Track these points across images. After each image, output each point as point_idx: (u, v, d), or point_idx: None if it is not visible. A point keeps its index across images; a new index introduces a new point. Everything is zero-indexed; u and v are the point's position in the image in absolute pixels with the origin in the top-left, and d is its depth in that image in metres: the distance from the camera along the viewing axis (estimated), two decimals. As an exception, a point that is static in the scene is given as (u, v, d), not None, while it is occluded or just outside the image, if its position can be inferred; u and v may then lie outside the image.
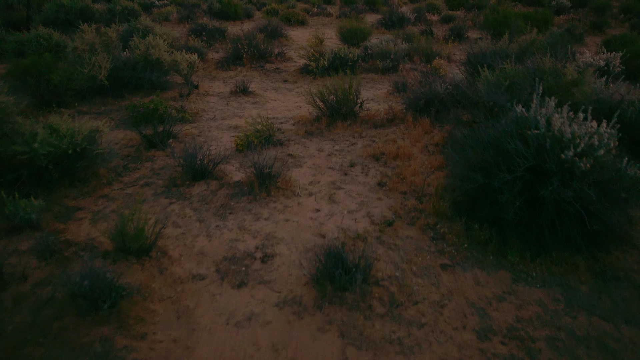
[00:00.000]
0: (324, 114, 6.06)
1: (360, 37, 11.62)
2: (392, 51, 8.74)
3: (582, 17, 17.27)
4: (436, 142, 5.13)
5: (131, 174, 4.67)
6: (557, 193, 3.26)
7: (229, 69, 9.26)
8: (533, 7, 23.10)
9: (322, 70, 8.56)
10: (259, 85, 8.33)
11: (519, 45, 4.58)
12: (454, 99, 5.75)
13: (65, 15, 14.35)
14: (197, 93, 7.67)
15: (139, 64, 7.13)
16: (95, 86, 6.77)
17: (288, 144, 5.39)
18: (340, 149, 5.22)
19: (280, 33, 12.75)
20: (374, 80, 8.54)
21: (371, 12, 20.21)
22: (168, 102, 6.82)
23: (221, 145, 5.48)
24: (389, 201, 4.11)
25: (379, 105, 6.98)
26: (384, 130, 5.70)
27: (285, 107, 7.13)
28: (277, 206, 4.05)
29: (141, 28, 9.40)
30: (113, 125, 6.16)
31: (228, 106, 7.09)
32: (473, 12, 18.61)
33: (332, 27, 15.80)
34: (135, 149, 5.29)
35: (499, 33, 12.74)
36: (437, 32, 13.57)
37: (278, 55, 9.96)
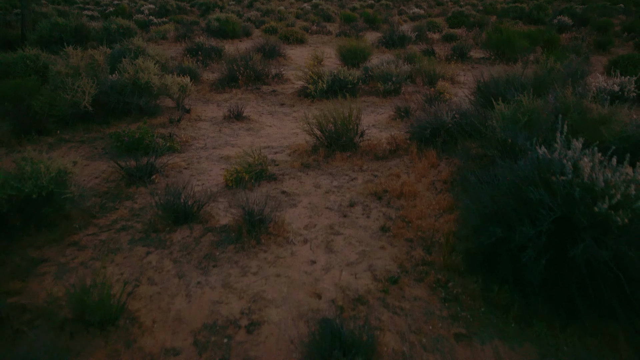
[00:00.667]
0: (322, 143, 5.64)
1: (361, 57, 11.28)
2: (393, 73, 8.36)
3: (585, 36, 17.01)
4: (444, 178, 4.69)
5: (108, 216, 4.22)
6: (590, 252, 2.81)
7: (224, 91, 8.88)
8: (534, 25, 22.95)
9: (320, 93, 8.18)
10: (254, 109, 7.93)
11: (534, 74, 4.17)
12: (462, 128, 5.33)
13: (60, 34, 14.05)
14: (189, 118, 7.26)
15: (126, 88, 6.74)
16: (79, 112, 6.37)
17: (282, 179, 4.95)
18: (339, 185, 4.78)
19: (278, 52, 12.43)
20: (375, 104, 8.15)
21: (371, 30, 19.99)
22: (156, 129, 6.42)
23: (210, 179, 5.05)
24: (394, 251, 3.65)
25: (380, 133, 6.56)
26: (386, 163, 5.26)
27: (281, 134, 6.71)
28: (268, 257, 3.58)
29: (133, 48, 9.05)
30: (96, 155, 5.75)
31: (220, 133, 6.67)
32: (474, 31, 18.38)
33: (331, 45, 15.51)
34: (116, 184, 4.85)
35: (503, 53, 12.45)
36: (439, 52, 13.25)
37: (275, 77, 9.59)
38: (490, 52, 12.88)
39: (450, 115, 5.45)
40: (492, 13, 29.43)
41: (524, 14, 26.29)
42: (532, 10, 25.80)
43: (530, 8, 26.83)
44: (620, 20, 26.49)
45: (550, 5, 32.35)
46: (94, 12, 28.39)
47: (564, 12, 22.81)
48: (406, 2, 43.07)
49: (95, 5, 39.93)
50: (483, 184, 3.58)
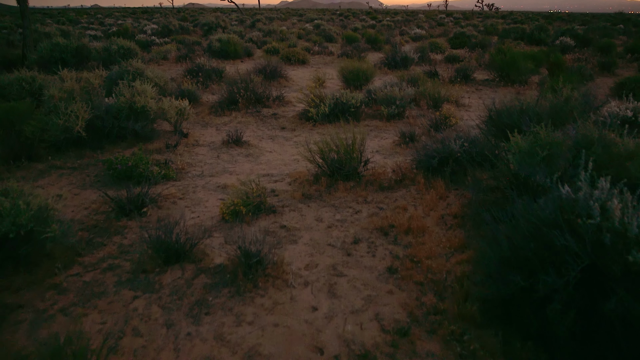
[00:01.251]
0: (324, 172, 5.38)
1: (363, 79, 11.13)
2: (397, 97, 8.16)
3: (588, 57, 16.91)
4: (454, 212, 4.41)
5: (94, 253, 3.93)
6: (624, 307, 2.51)
7: (224, 114, 8.68)
8: (536, 46, 22.94)
9: (322, 116, 7.96)
10: (254, 134, 7.71)
11: (550, 103, 3.92)
12: (472, 158, 5.07)
13: (61, 55, 13.99)
14: (186, 143, 7.03)
15: (122, 113, 6.52)
16: (71, 137, 6.14)
17: (282, 211, 4.67)
18: (343, 219, 4.49)
19: (279, 73, 12.30)
20: (379, 128, 7.92)
21: (373, 50, 19.98)
22: (152, 155, 6.18)
23: (205, 211, 4.77)
24: (402, 296, 3.34)
25: (385, 160, 6.31)
26: (392, 194, 4.99)
27: (281, 160, 6.46)
28: (265, 303, 3.28)
29: (132, 70, 8.88)
30: (87, 183, 5.49)
31: (218, 159, 6.42)
32: (477, 52, 18.32)
33: (333, 66, 15.42)
34: (106, 216, 4.57)
35: (507, 74, 12.29)
36: (442, 73, 13.11)
37: (276, 99, 9.40)
38: (494, 74, 12.74)
39: (459, 143, 5.20)
40: (493, 34, 29.55)
41: (526, 35, 26.35)
42: (534, 31, 25.86)
43: (532, 29, 26.92)
44: (622, 41, 26.55)
45: (550, 26, 32.55)
46: (97, 32, 28.56)
47: (565, 33, 22.81)
48: (407, 23, 43.48)
49: (100, 25, 40.38)
50: (499, 223, 3.30)
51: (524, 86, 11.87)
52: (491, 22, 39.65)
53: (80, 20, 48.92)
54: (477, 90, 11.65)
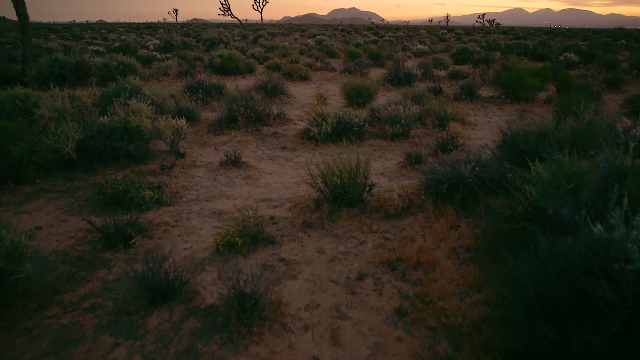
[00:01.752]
0: (326, 198, 5.06)
1: (366, 96, 10.89)
2: (402, 116, 7.88)
3: (594, 73, 16.69)
4: (467, 244, 4.07)
5: (76, 290, 3.60)
6: (674, 370, 2.17)
7: (223, 132, 8.41)
8: (539, 62, 22.78)
9: (324, 136, 7.68)
10: (253, 154, 7.42)
11: (571, 127, 3.62)
12: (484, 183, 4.75)
13: (60, 71, 13.83)
14: (183, 164, 6.74)
15: (116, 133, 6.25)
16: (61, 159, 5.85)
17: (281, 242, 4.35)
18: (346, 251, 4.16)
19: (281, 90, 12.08)
20: (383, 147, 7.63)
21: (375, 66, 19.83)
22: (145, 178, 5.88)
23: (199, 241, 4.45)
24: (413, 343, 3.00)
25: (390, 183, 6.00)
26: (399, 222, 4.66)
27: (281, 182, 6.16)
28: (261, 352, 2.94)
29: (129, 88, 8.65)
30: (76, 208, 5.18)
31: (215, 182, 6.12)
32: (480, 68, 18.14)
33: (335, 82, 15.22)
34: (92, 247, 4.26)
35: (513, 91, 12.04)
36: (446, 90, 12.88)
37: (277, 117, 9.14)
38: (499, 91, 12.50)
39: (469, 167, 4.89)
40: (495, 49, 29.48)
41: (529, 51, 26.26)
42: (537, 47, 25.76)
43: (534, 45, 26.83)
44: (625, 57, 26.41)
45: (552, 42, 32.49)
46: (100, 47, 28.59)
47: (569, 49, 22.66)
48: (409, 39, 43.59)
49: (103, 40, 40.58)
50: (521, 264, 2.97)
51: (531, 103, 11.61)
52: (493, 38, 39.71)
53: (84, 36, 49.26)
54: (482, 108, 11.39)
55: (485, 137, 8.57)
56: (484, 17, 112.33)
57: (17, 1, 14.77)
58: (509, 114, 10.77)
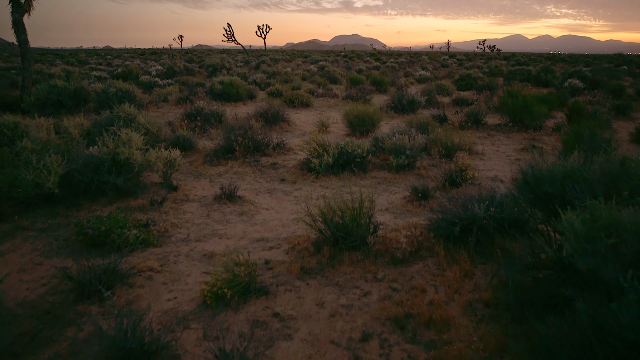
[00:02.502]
0: (327, 240, 4.63)
1: (369, 124, 10.56)
2: (407, 146, 7.51)
3: (601, 100, 16.42)
4: (485, 298, 3.61)
5: (38, 353, 3.15)
6: None
7: (219, 163, 8.04)
8: (543, 88, 22.60)
9: (326, 167, 7.30)
10: (250, 186, 7.02)
11: (600, 167, 3.21)
12: (500, 225, 4.32)
13: (58, 97, 13.63)
14: (175, 198, 6.34)
15: (103, 165, 5.88)
16: (43, 194, 5.47)
17: (276, 292, 3.90)
18: (349, 304, 3.71)
19: (281, 117, 11.79)
20: (387, 180, 7.22)
21: (378, 92, 19.65)
22: (132, 215, 5.47)
23: (185, 290, 4.00)
24: None
25: (396, 220, 5.57)
26: (406, 269, 4.21)
27: (279, 220, 5.74)
28: None
29: (123, 116, 8.35)
30: (54, 250, 4.76)
31: (208, 219, 5.71)
32: (484, 94, 17.92)
33: (337, 109, 14.96)
34: (64, 297, 3.82)
35: (520, 119, 11.71)
36: (451, 117, 12.57)
37: (277, 146, 8.79)
38: (506, 118, 12.17)
39: (483, 207, 4.46)
40: (498, 75, 29.41)
41: (531, 77, 26.13)
42: (540, 73, 25.65)
43: (538, 71, 26.74)
44: (629, 83, 26.25)
45: (554, 68, 32.46)
46: (103, 72, 28.67)
47: (573, 75, 22.50)
48: (411, 64, 43.83)
49: (108, 66, 40.92)
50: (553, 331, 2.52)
51: (539, 131, 11.26)
52: (495, 64, 39.83)
53: (89, 61, 49.81)
54: (489, 136, 11.03)
55: (495, 168, 8.18)
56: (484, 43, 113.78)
57: (18, 27, 14.72)
58: (517, 142, 10.40)
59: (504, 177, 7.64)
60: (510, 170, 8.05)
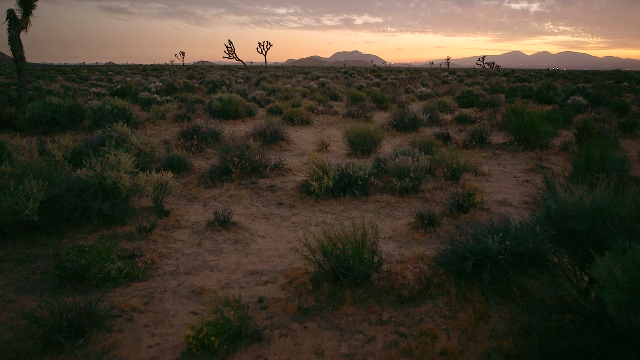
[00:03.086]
0: (326, 274, 4.24)
1: (371, 143, 10.24)
2: (411, 168, 7.16)
3: (606, 117, 16.13)
4: (504, 348, 3.21)
5: (-5, 416, 2.74)
6: None
7: (214, 185, 7.68)
8: (546, 105, 22.37)
9: (326, 190, 6.93)
10: (246, 211, 6.65)
11: (635, 203, 2.85)
12: (517, 259, 3.94)
13: (52, 115, 13.35)
14: (165, 224, 5.97)
15: (89, 190, 5.52)
16: (22, 221, 5.10)
17: (270, 337, 3.49)
18: (351, 353, 3.30)
19: (281, 136, 11.48)
20: (391, 204, 6.85)
21: (379, 109, 19.41)
22: (118, 244, 5.08)
23: (169, 333, 3.60)
24: None
25: (400, 250, 5.19)
26: (415, 310, 3.81)
27: (275, 249, 5.35)
28: None
29: (115, 135, 8.02)
30: (29, 285, 4.37)
31: (200, 248, 5.32)
32: (487, 111, 17.66)
33: (338, 127, 14.68)
34: (33, 344, 3.41)
35: (526, 138, 11.38)
36: (454, 136, 12.25)
37: (275, 167, 8.44)
38: (510, 136, 11.85)
39: (497, 239, 4.09)
40: (499, 92, 29.25)
41: (533, 93, 25.95)
42: (541, 89, 25.46)
43: (539, 87, 26.57)
44: (631, 99, 26.03)
45: (555, 84, 32.33)
46: (102, 89, 28.53)
47: (576, 92, 22.30)
48: (412, 81, 43.83)
49: (108, 82, 40.91)
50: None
51: (545, 151, 10.91)
52: (496, 80, 39.80)
53: (90, 77, 49.90)
54: (494, 156, 10.69)
55: (503, 191, 7.81)
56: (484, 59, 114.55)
57: (15, 44, 14.53)
58: (524, 162, 10.06)
59: (512, 200, 7.27)
60: (519, 193, 7.70)
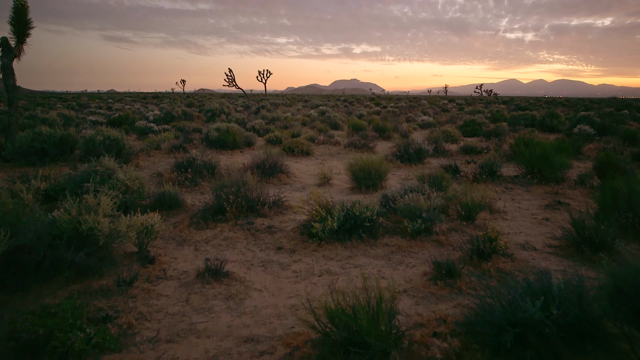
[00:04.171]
0: (334, 349, 3.52)
1: (376, 177, 9.62)
2: (423, 208, 6.51)
3: (616, 147, 15.61)
4: None
5: None
6: None
7: (207, 226, 7.00)
8: (550, 134, 21.92)
9: (330, 233, 6.26)
10: (242, 257, 5.96)
11: None
12: (566, 330, 3.25)
13: (42, 145, 12.78)
14: (149, 274, 5.26)
15: (61, 238, 4.85)
16: (-18, 276, 4.40)
17: None
18: None
19: (280, 168, 10.87)
20: (402, 249, 6.16)
21: (381, 139, 18.91)
22: (91, 303, 4.37)
23: None
24: None
25: (418, 308, 4.48)
26: (445, 398, 3.09)
27: (274, 307, 4.64)
28: None
29: (100, 170, 7.40)
30: (-20, 357, 3.63)
31: (186, 306, 4.61)
32: (493, 141, 17.15)
33: (340, 158, 14.11)
34: None
35: (539, 171, 10.78)
36: (462, 168, 11.65)
37: (274, 205, 7.79)
38: (522, 169, 11.25)
39: (539, 305, 3.39)
40: (501, 120, 28.90)
41: (536, 122, 25.57)
42: (545, 118, 25.06)
43: (542, 116, 26.18)
44: (635, 127, 25.62)
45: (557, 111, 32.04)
46: (100, 117, 28.15)
47: (582, 121, 21.88)
48: (412, 109, 43.72)
49: (108, 110, 40.71)
50: None
51: (561, 184, 10.29)
52: (497, 109, 39.63)
53: (90, 105, 49.80)
54: (507, 190, 10.06)
55: (523, 231, 7.14)
56: (481, 87, 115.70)
57: (7, 72, 14.09)
58: (540, 197, 9.42)
59: (535, 243, 6.59)
60: (540, 234, 7.02)
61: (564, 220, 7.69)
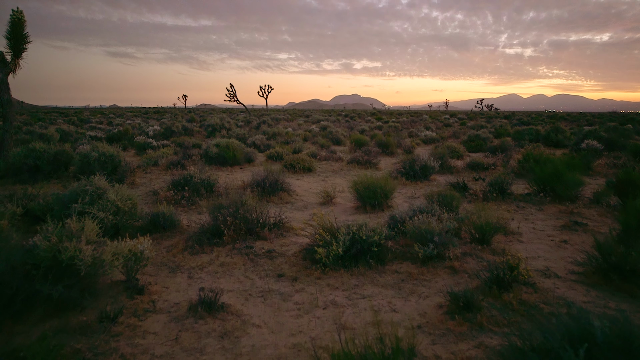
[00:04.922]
0: (344, 404, 3.02)
1: (381, 196, 9.15)
2: (434, 231, 6.03)
3: (627, 163, 15.16)
4: None
5: None
6: None
7: (203, 250, 6.52)
8: (555, 149, 21.50)
9: (334, 259, 5.78)
10: (239, 286, 5.47)
11: None
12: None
13: (35, 162, 12.38)
14: (136, 307, 4.77)
15: (39, 268, 4.38)
16: (-54, 313, 3.92)
17: None
18: None
19: (281, 186, 10.42)
20: (413, 276, 5.67)
21: (384, 155, 18.49)
22: (68, 343, 3.88)
23: None
24: None
25: (434, 348, 3.97)
26: None
27: (274, 347, 4.13)
28: None
29: (90, 190, 6.96)
30: None
31: (176, 346, 4.11)
32: (499, 157, 16.72)
33: (343, 174, 13.66)
34: None
35: (552, 189, 10.31)
36: (470, 185, 11.19)
37: (274, 226, 7.31)
38: (533, 186, 10.79)
39: (582, 353, 2.90)
40: (504, 135, 28.53)
41: (541, 137, 25.18)
42: (550, 132, 24.67)
43: (547, 130, 25.80)
44: None
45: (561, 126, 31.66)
46: (100, 132, 27.84)
47: (589, 136, 21.48)
48: (413, 124, 43.45)
49: (109, 125, 40.49)
50: None
51: (576, 203, 9.81)
52: (500, 124, 39.33)
53: (90, 120, 49.68)
54: (519, 209, 9.58)
55: (540, 255, 6.64)
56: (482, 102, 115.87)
57: (1, 87, 13.78)
58: (554, 217, 8.93)
59: (556, 268, 6.09)
60: (560, 259, 6.52)
61: (583, 242, 7.21)
